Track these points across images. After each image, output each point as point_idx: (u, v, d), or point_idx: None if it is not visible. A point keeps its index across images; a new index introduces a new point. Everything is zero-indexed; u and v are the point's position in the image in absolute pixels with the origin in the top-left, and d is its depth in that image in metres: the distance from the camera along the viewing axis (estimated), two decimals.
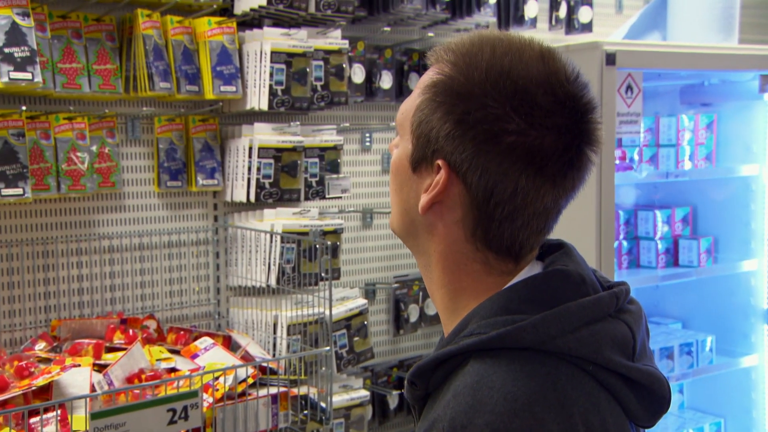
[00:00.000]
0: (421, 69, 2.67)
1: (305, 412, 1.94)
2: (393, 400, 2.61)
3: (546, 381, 0.82)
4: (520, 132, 0.85)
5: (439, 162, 0.89)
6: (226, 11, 2.23)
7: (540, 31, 2.92)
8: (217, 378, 1.78)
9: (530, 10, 2.83)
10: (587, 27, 3.00)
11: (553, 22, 2.99)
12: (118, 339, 2.02)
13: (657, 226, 3.05)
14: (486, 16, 2.66)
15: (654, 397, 0.89)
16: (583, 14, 3.04)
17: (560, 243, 0.96)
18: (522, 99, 0.85)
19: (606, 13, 3.27)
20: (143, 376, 1.80)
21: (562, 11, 3.01)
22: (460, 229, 0.90)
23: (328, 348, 1.94)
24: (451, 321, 0.94)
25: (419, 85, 0.93)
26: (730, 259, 3.08)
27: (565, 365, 0.84)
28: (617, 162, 2.71)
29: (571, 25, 3.00)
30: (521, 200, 0.87)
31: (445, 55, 0.91)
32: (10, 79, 1.75)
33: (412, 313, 2.66)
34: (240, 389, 1.85)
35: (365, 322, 2.35)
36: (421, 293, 2.70)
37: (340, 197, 2.38)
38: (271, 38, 2.14)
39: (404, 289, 2.64)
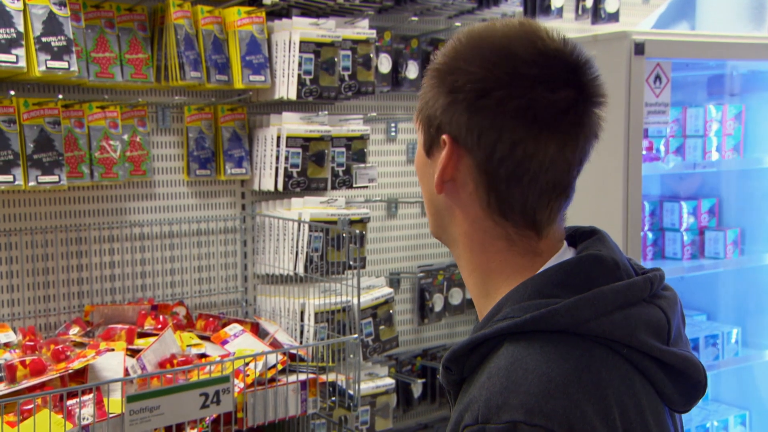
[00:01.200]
0: None
1: (333, 398, 1.96)
2: (417, 389, 2.63)
3: (580, 363, 0.82)
4: (506, 85, 0.87)
5: (444, 137, 0.92)
6: (255, 1, 2.24)
7: (566, 20, 2.91)
8: (247, 364, 1.80)
9: (556, 0, 2.82)
10: (614, 17, 2.98)
11: (580, 12, 2.97)
12: (149, 325, 2.06)
13: (683, 217, 3.03)
14: (513, 6, 2.66)
15: (689, 381, 0.89)
16: (610, 4, 3.02)
17: (593, 229, 0.97)
18: (502, 56, 0.88)
19: (633, 3, 3.24)
20: (175, 362, 1.83)
21: (589, 1, 2.99)
22: (475, 202, 0.92)
23: (356, 336, 1.96)
24: (484, 306, 0.95)
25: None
26: (757, 251, 3.05)
27: (599, 348, 0.85)
28: (644, 152, 2.70)
29: (597, 14, 2.98)
30: (522, 153, 0.88)
31: (447, 46, 0.95)
32: (47, 68, 1.78)
33: (437, 302, 2.67)
34: (269, 375, 1.87)
35: (391, 311, 2.37)
36: (445, 283, 2.71)
37: (367, 186, 2.39)
38: (300, 28, 2.15)
39: (429, 278, 2.66)
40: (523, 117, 0.87)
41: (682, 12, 2.96)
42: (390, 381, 2.38)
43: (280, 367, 1.89)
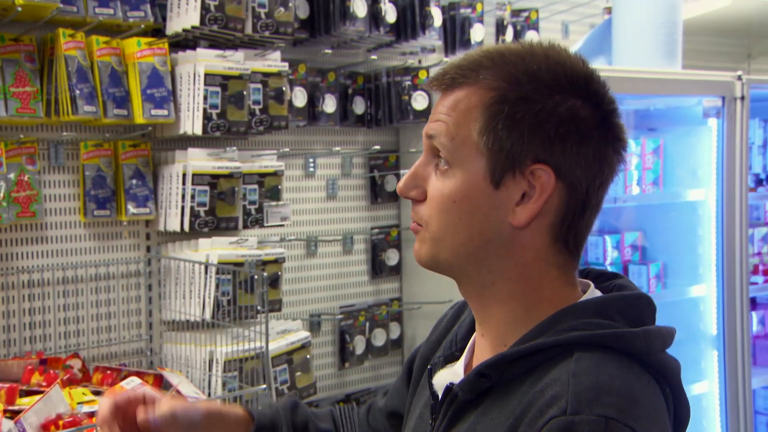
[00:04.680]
0: (365, 92, 2.61)
1: None
2: None
3: (649, 388, 0.86)
4: (595, 116, 0.90)
5: (539, 167, 0.89)
6: (157, 32, 2.12)
7: None
8: None
9: (476, 34, 2.80)
10: None
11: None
12: (36, 381, 1.88)
13: (607, 251, 3.02)
14: (431, 39, 2.62)
15: (683, 426, 0.95)
16: (530, 38, 3.02)
17: (613, 273, 1.01)
18: (588, 84, 0.91)
19: (552, 38, 3.25)
20: (60, 422, 1.66)
21: (509, 35, 2.99)
22: (547, 233, 0.92)
23: (264, 386, 1.82)
24: (519, 332, 0.92)
25: (460, 107, 0.92)
26: (680, 284, 3.06)
27: (655, 382, 0.88)
28: None
29: (466, 52, 2.97)
30: (609, 182, 0.93)
31: (478, 73, 0.91)
32: None
33: (358, 344, 2.56)
34: None
35: (308, 356, 2.24)
36: (367, 324, 2.60)
37: (281, 225, 2.28)
38: (205, 60, 2.04)
39: (350, 319, 2.54)
40: (615, 146, 0.92)
41: (599, 47, 2.98)
42: None
43: None
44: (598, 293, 0.95)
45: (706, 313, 3.05)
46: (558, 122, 0.88)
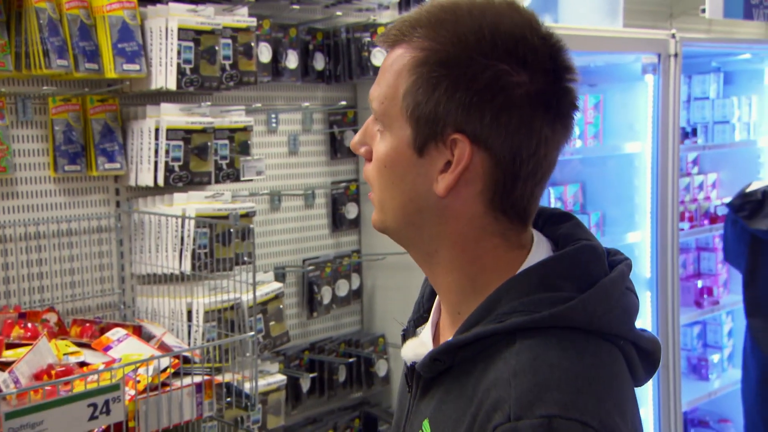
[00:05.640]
0: (325, 48, 2.65)
1: (228, 399, 1.89)
2: (306, 383, 2.59)
3: (595, 359, 0.84)
4: (527, 82, 0.84)
5: (457, 136, 0.85)
6: None
7: None
8: (137, 369, 1.70)
9: None
10: None
11: None
12: (16, 334, 1.89)
13: (551, 202, 3.19)
14: None
15: (651, 359, 0.93)
16: None
17: (563, 213, 0.97)
18: (519, 49, 0.84)
19: None
20: (53, 372, 1.69)
21: None
22: (479, 202, 0.88)
23: (252, 333, 1.89)
24: (470, 302, 0.91)
25: (393, 68, 0.89)
26: (617, 232, 3.28)
27: (605, 343, 0.87)
28: None
29: (422, 4, 3.06)
30: (543, 151, 0.86)
31: (414, 31, 0.87)
32: None
33: (326, 295, 2.65)
34: (158, 380, 1.77)
35: (281, 306, 2.32)
36: (332, 275, 2.69)
37: (253, 180, 2.32)
38: (177, 14, 2.04)
39: (317, 271, 2.63)
40: (547, 113, 0.85)
41: (545, 6, 3.10)
42: (281, 377, 2.33)
43: (171, 370, 1.79)
44: (543, 250, 0.91)
45: (641, 257, 3.28)
46: (477, 90, 0.83)
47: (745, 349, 3.33)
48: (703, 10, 3.27)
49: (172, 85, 2.04)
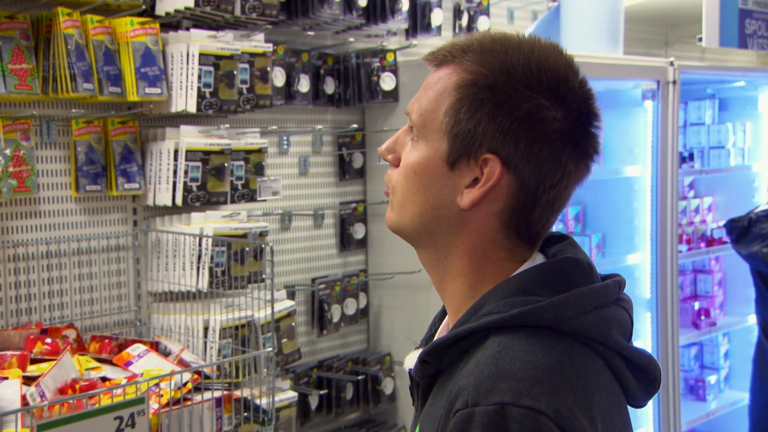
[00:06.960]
0: (335, 73, 2.73)
1: (246, 414, 1.93)
2: (314, 401, 2.64)
3: (562, 355, 0.87)
4: (561, 118, 0.92)
5: (489, 156, 0.92)
6: (145, 12, 2.18)
7: (445, 38, 3.05)
8: (159, 384, 1.74)
9: (436, 19, 2.95)
10: None
11: (457, 30, 3.13)
12: (39, 350, 1.93)
13: None
14: (399, 23, 2.76)
15: (649, 378, 0.96)
16: (482, 23, 3.21)
17: (562, 235, 1.02)
18: (560, 88, 0.92)
19: (500, 23, 3.46)
20: (77, 386, 1.74)
21: (464, 20, 3.17)
22: (496, 219, 0.94)
23: (270, 349, 1.94)
24: (467, 307, 0.96)
25: (438, 85, 0.95)
26: (618, 253, 3.34)
27: (578, 344, 0.90)
28: None
29: (472, 33, 3.16)
30: (564, 184, 0.94)
31: (465, 55, 0.94)
32: None
33: (335, 313, 2.70)
34: (180, 395, 1.82)
35: (293, 324, 2.37)
36: (341, 294, 2.74)
37: (267, 200, 2.39)
38: (199, 40, 2.12)
39: (327, 289, 2.68)
40: (574, 150, 0.93)
41: (547, 33, 3.19)
42: (292, 394, 2.38)
43: (190, 385, 1.84)
44: (539, 260, 0.97)
45: (641, 279, 3.35)
46: (517, 117, 0.90)
47: (756, 365, 3.39)
48: (700, 39, 3.37)
49: (192, 108, 2.10)
